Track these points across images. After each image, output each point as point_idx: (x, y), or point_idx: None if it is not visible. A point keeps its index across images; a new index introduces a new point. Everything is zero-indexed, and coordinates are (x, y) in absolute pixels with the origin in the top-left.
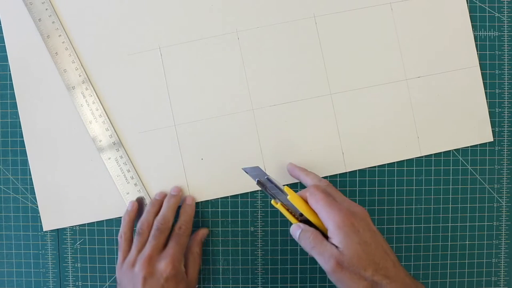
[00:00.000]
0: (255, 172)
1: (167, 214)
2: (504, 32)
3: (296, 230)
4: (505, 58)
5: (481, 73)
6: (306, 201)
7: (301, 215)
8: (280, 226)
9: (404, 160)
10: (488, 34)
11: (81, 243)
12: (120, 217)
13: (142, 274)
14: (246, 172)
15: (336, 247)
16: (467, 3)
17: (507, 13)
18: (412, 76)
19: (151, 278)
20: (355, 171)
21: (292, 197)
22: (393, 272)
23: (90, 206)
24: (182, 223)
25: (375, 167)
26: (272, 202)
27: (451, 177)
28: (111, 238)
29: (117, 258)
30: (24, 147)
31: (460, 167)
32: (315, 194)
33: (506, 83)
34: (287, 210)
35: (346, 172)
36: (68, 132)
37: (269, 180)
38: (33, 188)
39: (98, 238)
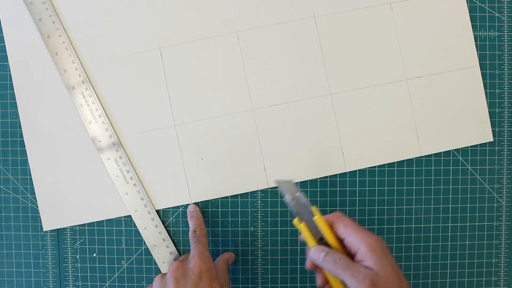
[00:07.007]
0: (287, 186)
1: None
2: (504, 32)
3: (320, 252)
4: (505, 58)
5: (481, 73)
6: (329, 226)
7: (321, 239)
8: (280, 226)
9: (404, 160)
10: (488, 34)
11: (81, 243)
12: (120, 217)
13: (173, 277)
14: (278, 185)
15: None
16: (467, 3)
17: (507, 13)
18: (412, 76)
19: (183, 279)
20: (355, 171)
21: (319, 218)
22: None
23: (90, 206)
24: (195, 227)
25: (375, 167)
26: (295, 221)
27: (451, 177)
28: (111, 238)
29: (118, 258)
30: (24, 147)
31: (460, 167)
32: (344, 219)
33: (506, 83)
34: (310, 231)
35: (346, 172)
36: (68, 132)
37: (300, 197)
38: (33, 188)
39: (98, 238)
